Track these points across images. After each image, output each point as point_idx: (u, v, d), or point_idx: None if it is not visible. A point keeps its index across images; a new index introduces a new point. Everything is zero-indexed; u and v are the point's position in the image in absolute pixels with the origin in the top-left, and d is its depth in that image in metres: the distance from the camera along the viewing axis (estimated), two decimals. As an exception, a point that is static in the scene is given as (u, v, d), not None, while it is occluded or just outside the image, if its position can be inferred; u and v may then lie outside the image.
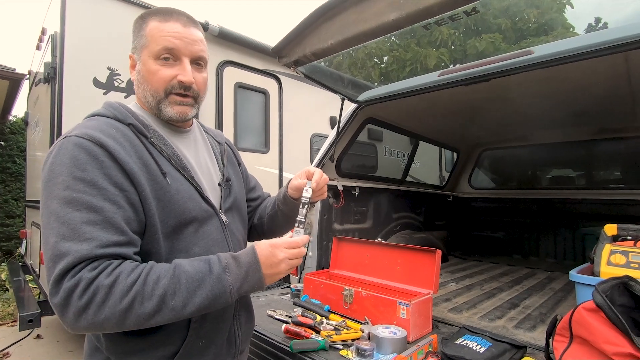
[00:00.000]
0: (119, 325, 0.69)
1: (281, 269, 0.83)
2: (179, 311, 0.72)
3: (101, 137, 0.76)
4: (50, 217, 0.70)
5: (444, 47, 9.23)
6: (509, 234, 3.47)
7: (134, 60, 0.90)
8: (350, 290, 1.46)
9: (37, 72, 3.53)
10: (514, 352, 1.13)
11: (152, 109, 0.89)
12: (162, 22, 0.86)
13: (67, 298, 0.67)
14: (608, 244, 1.31)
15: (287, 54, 1.70)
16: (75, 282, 0.67)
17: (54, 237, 0.69)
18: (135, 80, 0.90)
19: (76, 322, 0.68)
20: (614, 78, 1.89)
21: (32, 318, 2.40)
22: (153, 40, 0.85)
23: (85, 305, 0.67)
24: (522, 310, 1.75)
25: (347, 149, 2.43)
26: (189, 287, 0.73)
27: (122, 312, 0.68)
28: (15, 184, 6.28)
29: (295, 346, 1.18)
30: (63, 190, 0.71)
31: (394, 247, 1.68)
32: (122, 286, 0.68)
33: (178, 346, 0.82)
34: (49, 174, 0.73)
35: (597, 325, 0.82)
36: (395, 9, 1.32)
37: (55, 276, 0.67)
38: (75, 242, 0.68)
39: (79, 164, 0.72)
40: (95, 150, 0.74)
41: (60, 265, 0.67)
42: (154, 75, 0.85)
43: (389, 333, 1.21)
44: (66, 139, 0.75)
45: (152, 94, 0.86)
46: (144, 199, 0.78)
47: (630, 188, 2.82)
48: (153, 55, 0.85)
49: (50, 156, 0.75)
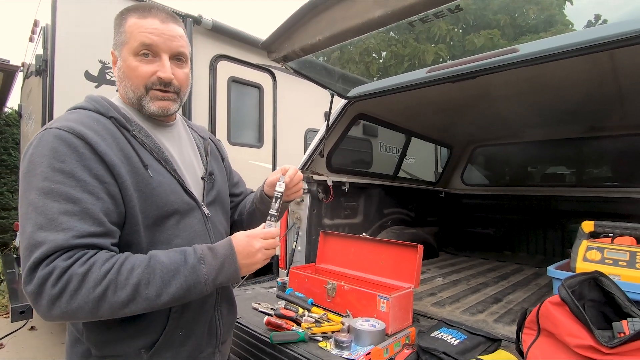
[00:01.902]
0: (92, 314, 0.70)
1: (257, 258, 0.85)
2: (153, 300, 0.73)
3: (82, 129, 0.76)
4: (29, 207, 0.71)
5: (442, 43, 9.20)
6: (500, 230, 3.51)
7: (115, 57, 0.90)
8: (333, 284, 1.48)
9: (30, 64, 3.52)
10: (488, 344, 1.15)
11: (134, 104, 0.90)
12: (140, 19, 0.86)
13: (41, 286, 0.67)
14: (585, 241, 1.34)
15: (276, 49, 1.71)
16: (50, 271, 0.68)
17: (31, 227, 0.70)
18: (117, 76, 0.90)
19: (49, 311, 0.69)
20: (601, 76, 1.90)
21: (24, 309, 2.42)
22: (132, 36, 0.85)
23: (58, 293, 0.67)
24: (504, 305, 1.78)
25: (338, 145, 2.44)
26: (163, 277, 0.74)
27: (95, 301, 0.69)
28: (11, 177, 6.28)
29: (275, 338, 1.20)
30: (42, 182, 0.71)
31: (378, 242, 1.70)
32: (95, 275, 0.69)
33: (158, 335, 0.83)
34: (28, 165, 0.74)
35: (561, 319, 0.85)
36: (381, 7, 1.33)
37: (30, 264, 0.68)
38: (51, 232, 0.69)
39: (58, 155, 0.73)
40: (75, 142, 0.75)
41: (36, 254, 0.68)
42: (133, 71, 0.86)
43: (368, 326, 1.23)
44: (46, 131, 0.76)
45: (133, 90, 0.87)
46: (124, 191, 0.79)
47: (619, 186, 2.85)
48: (132, 52, 0.85)
49: (30, 147, 0.76)
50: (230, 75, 3.57)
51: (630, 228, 1.34)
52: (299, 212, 2.18)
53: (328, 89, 2.11)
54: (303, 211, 2.17)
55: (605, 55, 1.60)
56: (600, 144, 2.97)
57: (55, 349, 3.27)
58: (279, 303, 1.53)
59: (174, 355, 0.86)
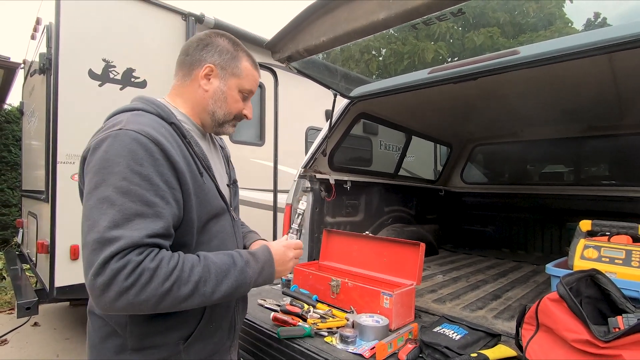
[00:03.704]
0: (154, 307, 0.75)
1: (289, 266, 1.01)
2: (208, 297, 0.81)
3: (156, 135, 0.82)
4: (104, 202, 0.75)
5: (442, 41, 9.21)
6: (499, 228, 3.55)
7: (214, 72, 0.99)
8: (337, 281, 1.51)
9: (32, 62, 3.52)
10: (488, 339, 1.19)
11: (212, 120, 1.01)
12: (253, 68, 1.05)
13: (113, 278, 0.71)
14: (582, 239, 1.37)
15: (280, 49, 1.73)
16: (124, 264, 0.72)
17: (106, 222, 0.74)
18: (210, 90, 0.99)
19: (115, 302, 0.72)
20: (600, 78, 1.94)
21: (29, 305, 2.45)
22: (246, 78, 1.02)
23: (130, 285, 0.71)
24: (503, 302, 1.82)
25: (340, 144, 2.47)
26: (217, 276, 0.82)
27: (161, 294, 0.75)
28: (11, 173, 6.28)
29: (282, 333, 1.24)
30: (120, 181, 0.76)
31: (381, 240, 1.74)
32: (164, 270, 0.75)
33: (193, 328, 0.91)
34: (103, 161, 0.78)
35: (559, 314, 0.88)
36: (385, 9, 1.36)
37: (105, 257, 0.71)
38: (127, 230, 0.74)
39: (136, 158, 0.78)
40: (151, 148, 0.80)
41: (111, 248, 0.72)
42: (234, 102, 1.02)
43: (372, 321, 1.27)
44: (122, 131, 0.80)
45: (225, 113, 1.01)
46: (187, 197, 0.86)
47: (617, 185, 2.89)
48: (239, 88, 1.02)
49: (104, 144, 0.79)
50: (232, 74, 3.58)
51: (626, 227, 1.38)
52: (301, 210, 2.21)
53: (331, 88, 2.13)
54: (306, 209, 2.20)
55: (604, 57, 1.64)
56: (599, 143, 3.01)
57: (58, 345, 3.31)
58: (284, 299, 1.56)
59: (203, 347, 0.93)
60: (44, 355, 3.11)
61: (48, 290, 2.54)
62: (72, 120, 2.57)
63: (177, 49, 3.62)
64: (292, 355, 1.20)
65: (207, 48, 0.99)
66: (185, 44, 1.03)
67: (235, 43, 1.03)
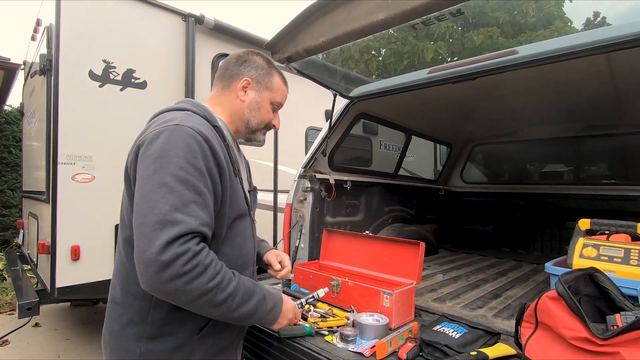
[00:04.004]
0: (192, 301, 0.81)
1: (284, 322, 1.07)
2: (230, 312, 0.87)
3: (207, 134, 0.92)
4: (162, 187, 0.82)
5: (441, 41, 9.22)
6: (499, 228, 3.56)
7: (250, 85, 1.11)
8: (337, 281, 1.52)
9: (32, 63, 3.53)
10: (487, 338, 1.20)
11: (246, 128, 1.14)
12: (283, 83, 1.19)
13: (174, 260, 0.77)
14: (581, 238, 1.38)
15: (280, 49, 1.74)
16: (185, 250, 0.78)
17: (167, 205, 0.80)
18: (246, 101, 1.11)
19: (166, 283, 0.77)
20: (598, 77, 1.94)
21: (30, 306, 2.46)
22: (277, 93, 1.16)
23: (184, 272, 0.78)
24: (503, 301, 1.82)
25: (340, 144, 2.48)
26: (243, 297, 0.90)
27: (204, 292, 0.81)
28: (12, 174, 6.29)
29: (282, 332, 1.24)
30: (178, 170, 0.83)
31: (381, 240, 1.74)
32: (212, 271, 0.83)
33: (207, 321, 0.96)
34: (162, 151, 0.85)
35: (558, 313, 0.89)
36: (383, 9, 1.37)
37: (169, 238, 0.78)
38: (185, 215, 0.81)
39: (192, 151, 0.87)
40: (204, 145, 0.89)
41: (175, 230, 0.79)
42: (266, 113, 1.15)
43: (372, 320, 1.28)
44: (179, 127, 0.89)
45: (257, 122, 1.14)
46: (224, 192, 0.95)
47: (616, 184, 2.90)
48: (271, 100, 1.15)
49: (162, 136, 0.87)
50: (231, 74, 3.59)
51: (625, 226, 1.38)
52: (302, 210, 2.22)
53: (331, 89, 2.14)
54: (306, 209, 2.21)
55: (602, 57, 1.64)
56: (598, 142, 3.02)
57: (59, 346, 3.31)
58: (285, 299, 1.57)
59: (215, 341, 0.99)
60: (45, 356, 3.12)
61: (49, 291, 2.54)
62: (72, 121, 2.57)
63: (177, 49, 3.64)
64: (293, 354, 1.21)
65: (245, 64, 1.12)
66: (225, 61, 1.15)
67: (269, 61, 1.17)
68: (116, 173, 2.75)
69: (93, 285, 2.66)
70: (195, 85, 3.22)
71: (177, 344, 0.92)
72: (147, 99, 2.94)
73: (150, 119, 1.02)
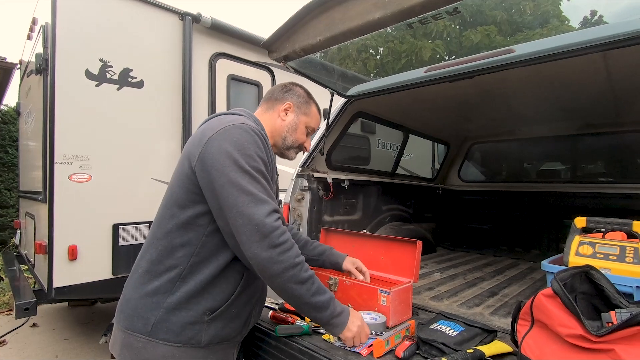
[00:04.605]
0: (281, 271, 0.94)
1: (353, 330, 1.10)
2: (308, 295, 0.99)
3: (264, 135, 1.10)
4: (246, 174, 0.97)
5: (439, 39, 9.22)
6: (496, 226, 3.57)
7: (291, 108, 1.30)
8: (335, 279, 1.52)
9: (28, 63, 3.51)
10: (484, 335, 1.20)
11: (282, 143, 1.30)
12: (318, 112, 1.38)
13: (272, 231, 0.94)
14: (577, 236, 1.39)
15: (277, 49, 1.73)
16: (278, 225, 0.96)
17: (254, 188, 0.97)
18: (286, 120, 1.29)
19: (266, 250, 0.92)
20: (595, 75, 1.95)
21: (28, 306, 2.45)
22: (313, 119, 1.35)
23: (279, 243, 0.94)
24: (500, 299, 1.83)
25: (337, 143, 2.48)
26: (319, 286, 1.03)
27: (292, 265, 0.95)
28: (8, 174, 6.26)
29: (280, 331, 1.25)
30: (253, 161, 1.00)
31: (378, 238, 1.74)
32: (296, 249, 1.00)
33: (220, 305, 1.04)
34: (237, 144, 1.00)
35: (553, 310, 0.89)
36: (380, 8, 1.36)
37: (267, 210, 0.95)
38: (269, 197, 0.99)
39: (260, 147, 1.04)
40: (265, 142, 1.08)
41: (268, 207, 0.96)
42: (301, 134, 1.32)
43: (370, 319, 1.28)
44: (245, 125, 1.05)
45: (293, 140, 1.30)
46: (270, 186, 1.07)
47: (613, 182, 2.91)
48: (306, 124, 1.33)
49: (233, 131, 1.02)
50: (229, 73, 3.58)
51: (620, 223, 1.39)
52: (299, 209, 2.22)
53: (328, 88, 2.14)
54: (304, 208, 2.21)
55: (598, 55, 1.65)
56: (595, 140, 3.03)
57: (57, 346, 3.31)
58: (282, 298, 1.57)
59: (223, 327, 1.05)
60: (43, 356, 3.11)
61: (46, 291, 2.54)
62: (69, 120, 2.57)
63: (174, 48, 3.63)
64: (291, 353, 1.21)
65: (290, 92, 1.31)
66: (272, 88, 1.35)
67: (309, 93, 1.36)
68: (113, 172, 2.75)
69: (91, 285, 2.65)
70: (193, 84, 3.22)
71: (189, 320, 0.99)
72: (144, 98, 2.93)
73: (208, 119, 1.15)
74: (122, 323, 1.02)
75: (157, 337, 0.97)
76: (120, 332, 1.03)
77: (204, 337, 1.01)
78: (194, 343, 1.00)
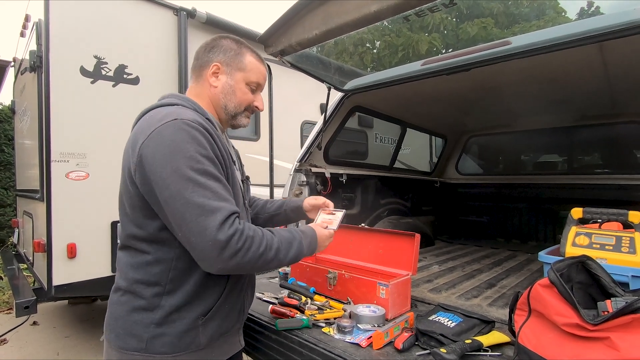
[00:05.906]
0: (252, 267, 0.92)
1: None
2: (282, 261, 1.00)
3: (205, 125, 0.95)
4: (189, 182, 0.86)
5: (436, 32, 9.19)
6: (494, 218, 3.59)
7: (220, 70, 1.08)
8: (334, 273, 1.53)
9: (22, 60, 3.48)
10: (482, 326, 1.22)
11: (225, 114, 1.11)
12: (258, 62, 1.13)
13: (228, 241, 0.85)
14: (574, 227, 1.40)
15: (273, 43, 1.73)
16: (234, 230, 0.87)
17: (201, 197, 0.86)
18: (219, 86, 1.09)
19: (229, 261, 0.87)
20: (591, 67, 1.95)
21: (28, 305, 2.46)
22: (251, 72, 1.10)
23: (239, 249, 0.87)
24: (498, 290, 1.85)
25: (335, 137, 2.48)
26: (287, 246, 1.01)
27: (257, 256, 0.92)
28: (5, 173, 6.23)
29: (280, 324, 1.26)
30: (196, 163, 0.88)
31: (377, 232, 1.75)
32: (258, 238, 0.93)
33: (211, 306, 1.01)
34: (173, 147, 0.88)
35: (550, 300, 0.91)
36: (376, 1, 1.36)
37: (219, 223, 0.85)
38: (220, 201, 0.88)
39: (201, 143, 0.90)
40: (207, 135, 0.93)
41: (219, 216, 0.86)
42: (243, 95, 1.11)
43: (369, 311, 1.29)
44: (179, 121, 0.90)
45: (235, 105, 1.10)
46: (227, 180, 0.99)
47: (609, 173, 2.92)
48: (245, 81, 1.10)
49: (166, 133, 0.89)
50: (225, 69, 3.56)
51: (616, 214, 1.40)
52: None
53: (325, 82, 2.13)
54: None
55: (594, 47, 1.65)
56: (592, 132, 3.04)
57: (58, 343, 3.32)
58: (282, 292, 1.58)
59: (218, 325, 1.03)
60: (44, 354, 3.12)
61: (46, 289, 2.54)
62: (64, 118, 2.55)
63: (169, 44, 3.61)
64: (291, 346, 1.22)
65: (213, 50, 1.09)
66: (196, 52, 1.13)
67: (239, 41, 1.12)
68: (110, 170, 2.74)
69: (90, 283, 2.66)
70: (189, 80, 3.20)
71: (183, 328, 0.96)
72: (140, 94, 2.92)
73: (140, 117, 1.01)
74: (115, 343, 0.97)
75: (155, 351, 0.94)
76: (115, 351, 0.98)
77: (202, 339, 0.99)
78: (193, 348, 0.97)
